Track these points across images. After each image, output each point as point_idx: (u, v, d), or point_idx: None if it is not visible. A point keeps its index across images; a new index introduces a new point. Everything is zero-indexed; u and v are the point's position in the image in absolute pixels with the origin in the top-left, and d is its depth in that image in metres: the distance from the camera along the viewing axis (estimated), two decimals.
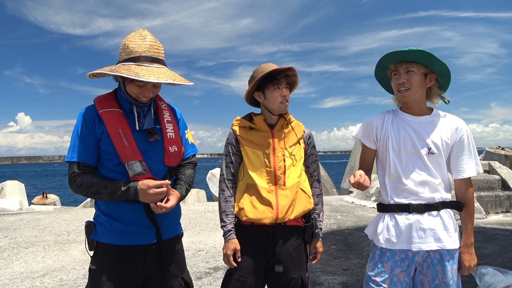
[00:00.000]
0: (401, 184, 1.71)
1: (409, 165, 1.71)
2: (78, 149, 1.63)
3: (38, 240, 5.39)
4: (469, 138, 1.74)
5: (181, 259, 1.86)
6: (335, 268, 3.89)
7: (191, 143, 1.89)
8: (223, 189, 1.94)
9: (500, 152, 11.06)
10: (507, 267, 3.36)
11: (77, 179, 1.61)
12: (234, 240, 1.87)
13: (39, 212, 8.30)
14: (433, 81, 1.72)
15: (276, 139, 1.91)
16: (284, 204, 1.84)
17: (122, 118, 1.66)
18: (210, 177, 13.21)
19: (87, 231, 1.70)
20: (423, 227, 1.67)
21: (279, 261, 1.85)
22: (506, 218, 6.94)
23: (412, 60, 1.68)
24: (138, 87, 1.63)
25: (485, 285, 3.07)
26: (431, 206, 1.69)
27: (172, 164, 1.76)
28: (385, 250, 1.72)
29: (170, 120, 1.80)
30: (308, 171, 2.01)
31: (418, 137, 1.71)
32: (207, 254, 4.55)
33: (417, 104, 1.75)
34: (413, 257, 1.69)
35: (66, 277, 3.79)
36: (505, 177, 7.95)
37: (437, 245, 1.66)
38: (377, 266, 1.73)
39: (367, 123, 1.84)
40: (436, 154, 1.70)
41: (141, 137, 1.69)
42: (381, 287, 1.70)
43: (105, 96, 1.73)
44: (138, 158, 1.63)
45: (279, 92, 1.88)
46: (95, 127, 1.64)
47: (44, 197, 12.36)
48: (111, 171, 1.66)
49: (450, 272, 1.67)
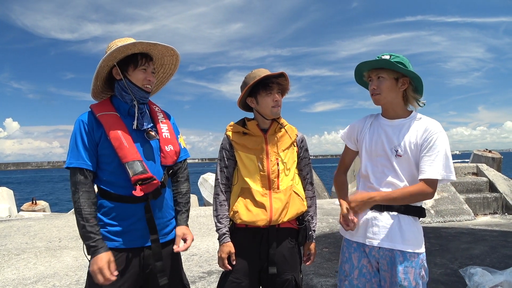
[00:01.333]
0: (369, 183, 1.81)
1: (378, 166, 1.79)
2: (80, 155, 1.65)
3: (29, 246, 5.32)
4: (440, 140, 1.69)
5: (178, 262, 1.89)
6: (327, 271, 3.93)
7: (184, 148, 1.94)
8: (218, 193, 1.97)
9: (488, 155, 11.25)
10: (495, 267, 3.43)
11: (76, 194, 1.63)
12: (229, 243, 1.90)
13: (29, 219, 8.19)
14: (406, 85, 1.78)
15: (269, 144, 1.94)
16: (278, 207, 1.88)
17: (119, 120, 1.72)
18: (201, 182, 13.18)
19: None
20: (378, 224, 1.74)
21: (273, 263, 1.89)
22: (494, 220, 7.06)
23: (380, 67, 1.78)
24: (142, 72, 1.75)
25: (475, 285, 3.14)
26: (390, 207, 1.74)
27: (168, 163, 1.82)
28: (351, 242, 1.83)
29: (164, 121, 1.88)
30: (301, 174, 2.06)
31: (388, 140, 1.79)
32: (201, 258, 4.56)
33: (392, 107, 1.82)
34: (370, 252, 1.77)
35: (59, 283, 3.76)
36: (492, 179, 8.09)
37: (388, 244, 1.71)
38: (346, 256, 1.85)
39: (351, 126, 1.97)
40: (404, 157, 1.74)
41: (138, 138, 1.75)
42: (350, 276, 1.81)
43: (102, 102, 1.79)
44: (137, 158, 1.67)
45: (271, 98, 1.92)
46: (94, 132, 1.68)
47: (34, 204, 12.18)
48: (111, 174, 1.69)
49: (402, 273, 1.68)
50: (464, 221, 6.76)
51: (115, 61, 1.74)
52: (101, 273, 1.57)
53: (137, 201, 1.69)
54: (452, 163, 1.72)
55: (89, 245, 1.60)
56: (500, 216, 7.39)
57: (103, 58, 1.69)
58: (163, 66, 1.95)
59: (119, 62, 1.75)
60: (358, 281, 1.78)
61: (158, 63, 1.92)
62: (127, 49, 1.71)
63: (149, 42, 1.72)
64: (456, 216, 6.85)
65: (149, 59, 1.80)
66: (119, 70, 1.74)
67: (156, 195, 1.74)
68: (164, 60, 1.91)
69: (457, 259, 4.34)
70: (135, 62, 1.75)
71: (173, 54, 1.86)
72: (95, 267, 1.58)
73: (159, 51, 1.81)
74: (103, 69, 1.75)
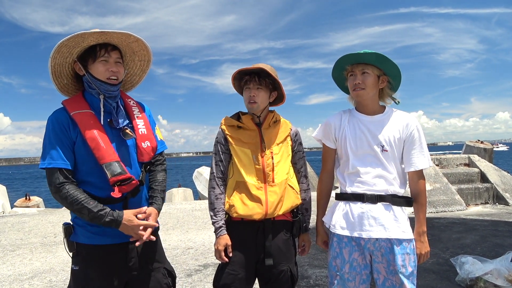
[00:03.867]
0: (359, 177, 1.83)
1: (366, 162, 1.83)
2: (57, 155, 1.59)
3: (24, 242, 5.32)
4: (419, 132, 1.84)
5: (161, 251, 1.90)
6: (322, 262, 3.99)
7: (160, 140, 1.88)
8: (214, 187, 1.98)
9: (480, 146, 11.38)
10: (486, 256, 3.51)
11: (62, 189, 1.57)
12: (225, 236, 1.92)
13: (23, 215, 8.16)
14: (385, 83, 1.86)
15: (264, 137, 1.96)
16: (273, 201, 1.90)
17: (94, 119, 1.65)
18: (196, 175, 13.20)
19: (66, 233, 1.68)
20: (374, 215, 1.77)
21: (269, 255, 1.91)
22: (485, 210, 7.18)
23: (367, 62, 1.81)
24: (103, 64, 1.66)
25: (465, 273, 3.21)
26: (383, 197, 1.79)
27: (145, 160, 1.77)
28: (342, 237, 1.83)
29: (140, 116, 1.81)
30: (295, 167, 2.08)
31: (372, 135, 1.83)
32: (196, 251, 4.59)
33: (371, 103, 1.87)
34: (366, 245, 1.79)
35: (55, 278, 3.77)
36: (484, 170, 8.20)
37: (386, 234, 1.75)
38: (336, 251, 1.85)
39: (326, 124, 1.96)
40: (389, 151, 1.82)
41: (114, 137, 1.69)
42: (341, 271, 1.82)
43: (74, 99, 1.71)
44: (115, 158, 1.62)
45: (247, 93, 1.96)
46: (70, 131, 1.62)
47: (27, 200, 12.11)
48: (87, 175, 1.64)
49: (400, 260, 1.74)
50: (456, 211, 6.87)
51: (73, 56, 1.67)
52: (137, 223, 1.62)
53: (115, 202, 1.65)
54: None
55: (105, 221, 1.57)
56: (491, 206, 7.51)
57: (50, 55, 1.62)
58: (136, 54, 1.84)
59: (80, 57, 1.68)
60: (349, 275, 1.80)
61: (129, 51, 1.81)
62: (77, 42, 1.62)
63: (98, 31, 1.61)
64: (448, 207, 6.95)
65: (111, 49, 1.70)
66: (81, 66, 1.67)
67: (134, 193, 1.71)
68: (133, 47, 1.79)
69: (449, 248, 4.42)
70: (93, 54, 1.66)
71: (136, 40, 1.74)
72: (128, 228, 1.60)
73: (119, 39, 1.70)
74: (60, 66, 1.68)
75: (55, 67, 1.68)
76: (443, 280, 3.39)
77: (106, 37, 1.66)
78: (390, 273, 1.75)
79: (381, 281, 1.79)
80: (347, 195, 1.85)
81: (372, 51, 1.77)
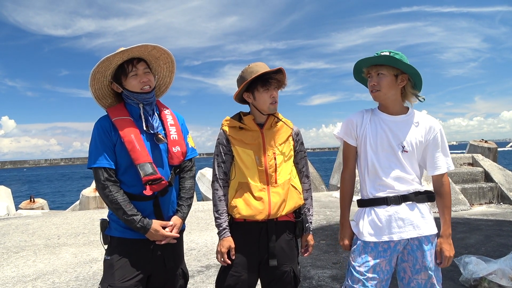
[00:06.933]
0: (379, 179, 1.82)
1: (385, 161, 1.82)
2: (102, 156, 1.82)
3: (28, 244, 5.34)
4: (443, 136, 1.86)
5: (181, 252, 2.08)
6: (325, 262, 3.98)
7: (191, 147, 2.07)
8: (216, 189, 1.98)
9: (484, 145, 11.33)
10: (490, 256, 3.49)
11: (107, 187, 1.80)
12: (229, 238, 1.92)
13: (28, 217, 8.20)
14: (405, 81, 1.82)
15: (266, 138, 1.96)
16: (276, 201, 1.90)
17: (132, 125, 1.88)
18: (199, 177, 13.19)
19: (102, 227, 1.91)
20: (401, 217, 1.77)
21: (273, 256, 1.91)
22: (489, 209, 7.14)
23: (381, 64, 1.80)
24: (134, 78, 1.87)
25: (469, 273, 3.19)
26: (406, 197, 1.80)
27: (175, 163, 1.95)
28: (369, 243, 1.81)
29: (173, 123, 2.01)
30: (297, 167, 2.07)
31: (393, 135, 1.83)
32: (199, 252, 4.59)
33: (392, 103, 1.86)
34: (395, 247, 1.79)
35: (58, 280, 3.79)
36: (488, 169, 8.16)
37: (416, 232, 1.77)
38: (361, 256, 1.82)
39: (348, 121, 1.94)
40: (410, 152, 1.82)
41: (149, 141, 1.90)
42: (365, 276, 1.78)
43: (116, 107, 1.94)
44: (148, 160, 1.83)
45: (269, 94, 1.93)
46: (112, 134, 1.85)
47: (32, 202, 12.17)
48: (123, 174, 1.85)
49: (429, 256, 1.78)
50: (460, 211, 6.84)
51: (108, 78, 1.90)
52: (162, 233, 1.84)
53: (147, 199, 1.85)
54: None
55: (136, 226, 1.79)
56: (496, 206, 7.47)
57: (88, 84, 1.86)
58: (159, 59, 2.00)
59: (114, 77, 1.90)
60: (372, 281, 1.77)
61: (153, 59, 1.98)
62: (107, 66, 1.84)
63: (119, 51, 1.81)
64: (452, 206, 6.89)
65: (137, 62, 1.89)
66: (117, 85, 1.90)
67: (163, 193, 1.90)
68: (154, 54, 1.95)
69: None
70: (123, 72, 1.88)
71: (153, 47, 1.90)
72: (153, 233, 1.82)
73: (139, 51, 1.88)
74: (100, 90, 1.91)
75: (96, 92, 1.92)
76: (446, 280, 3.37)
77: (128, 53, 1.85)
78: (416, 272, 1.78)
79: (406, 281, 1.81)
80: (370, 201, 1.84)
81: (384, 53, 1.77)
